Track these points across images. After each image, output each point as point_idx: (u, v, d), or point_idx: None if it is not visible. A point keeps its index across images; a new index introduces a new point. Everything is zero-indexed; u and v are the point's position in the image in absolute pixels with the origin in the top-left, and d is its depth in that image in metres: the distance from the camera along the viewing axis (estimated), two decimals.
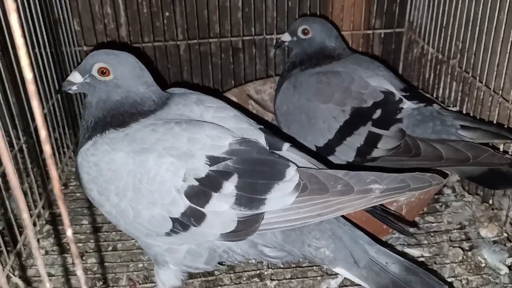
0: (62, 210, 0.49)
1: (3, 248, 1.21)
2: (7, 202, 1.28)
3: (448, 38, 1.58)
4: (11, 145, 1.35)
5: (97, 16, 1.85)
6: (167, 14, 1.87)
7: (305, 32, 1.53)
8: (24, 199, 0.49)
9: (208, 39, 1.88)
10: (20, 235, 1.29)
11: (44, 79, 1.53)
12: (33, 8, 1.46)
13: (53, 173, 0.48)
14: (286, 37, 1.57)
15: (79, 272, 0.53)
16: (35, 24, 1.47)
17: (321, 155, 1.36)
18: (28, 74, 0.43)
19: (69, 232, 0.51)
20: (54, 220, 1.43)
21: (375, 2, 1.88)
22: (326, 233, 1.00)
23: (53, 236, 1.37)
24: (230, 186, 0.96)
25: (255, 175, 0.97)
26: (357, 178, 0.96)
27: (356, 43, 1.90)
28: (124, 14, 1.86)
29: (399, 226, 1.09)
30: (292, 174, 0.98)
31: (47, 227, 1.40)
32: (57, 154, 1.59)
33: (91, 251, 1.34)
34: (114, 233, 1.39)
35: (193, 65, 1.94)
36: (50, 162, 0.47)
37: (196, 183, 0.96)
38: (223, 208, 0.97)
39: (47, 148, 0.46)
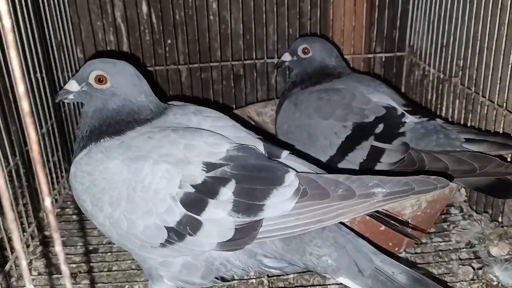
0: (41, 177, 0.46)
1: None
2: (0, 224, 1.25)
3: (449, 57, 1.57)
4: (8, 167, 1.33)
5: (100, 44, 1.87)
6: (169, 41, 1.89)
7: (305, 51, 1.53)
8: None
9: (209, 63, 1.89)
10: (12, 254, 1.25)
11: (45, 104, 1.52)
12: (36, 34, 1.47)
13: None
14: (286, 57, 1.57)
15: (58, 248, 0.49)
16: (37, 50, 1.48)
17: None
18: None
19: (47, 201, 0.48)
20: (48, 242, 1.39)
21: (374, 29, 1.89)
22: (328, 241, 0.95)
23: (46, 257, 1.33)
24: (227, 192, 0.92)
25: (253, 180, 0.94)
26: (358, 182, 0.92)
27: (357, 67, 1.89)
28: (127, 42, 1.88)
29: (405, 231, 1.04)
30: (291, 179, 0.94)
31: (40, 248, 1.36)
32: (54, 177, 1.56)
33: (85, 272, 1.29)
34: (109, 254, 1.34)
35: (194, 92, 1.94)
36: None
37: (192, 190, 0.93)
38: (220, 215, 0.92)
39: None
